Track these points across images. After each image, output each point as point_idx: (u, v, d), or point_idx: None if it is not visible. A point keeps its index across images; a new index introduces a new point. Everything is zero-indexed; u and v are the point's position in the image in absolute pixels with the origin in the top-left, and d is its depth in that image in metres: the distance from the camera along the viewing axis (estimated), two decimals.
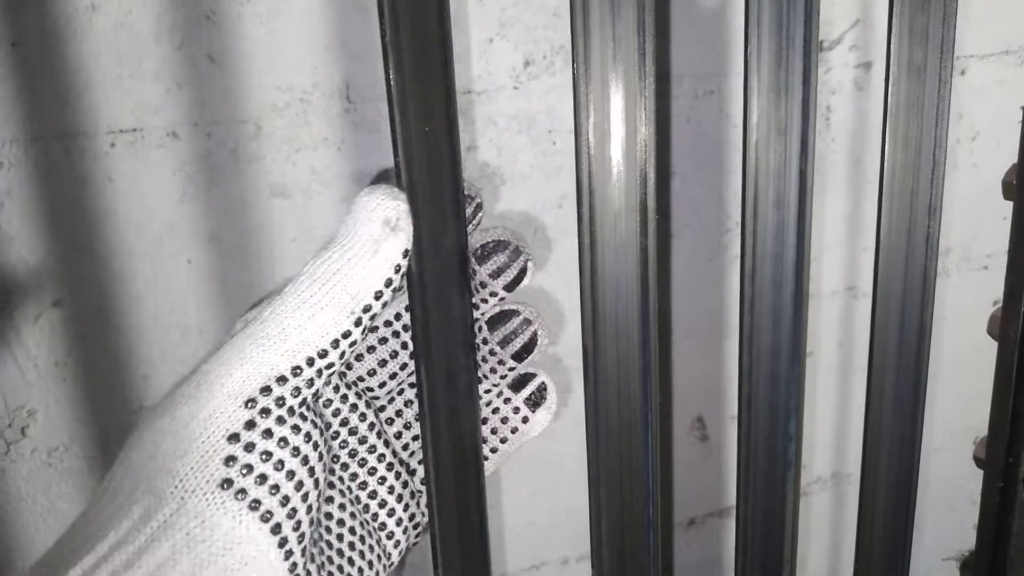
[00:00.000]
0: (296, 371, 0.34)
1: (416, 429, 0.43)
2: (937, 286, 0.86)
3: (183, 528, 0.32)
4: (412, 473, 0.43)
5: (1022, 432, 0.52)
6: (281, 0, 0.58)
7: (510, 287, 0.40)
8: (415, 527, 0.43)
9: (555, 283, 0.70)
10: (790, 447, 0.42)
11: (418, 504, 0.43)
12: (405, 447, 0.43)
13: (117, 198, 0.57)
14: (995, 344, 0.54)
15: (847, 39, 0.76)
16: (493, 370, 0.42)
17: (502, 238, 0.40)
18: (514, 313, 0.41)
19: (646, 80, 0.36)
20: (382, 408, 0.43)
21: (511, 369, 0.42)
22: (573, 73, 0.35)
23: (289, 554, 0.34)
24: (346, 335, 0.35)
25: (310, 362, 0.34)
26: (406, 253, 0.35)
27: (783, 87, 0.38)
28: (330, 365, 0.35)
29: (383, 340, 0.41)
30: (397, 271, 0.35)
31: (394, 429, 0.43)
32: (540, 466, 0.76)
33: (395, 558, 0.42)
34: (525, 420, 0.43)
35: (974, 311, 0.85)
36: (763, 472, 0.43)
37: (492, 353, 0.42)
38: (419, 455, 0.44)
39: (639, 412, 0.40)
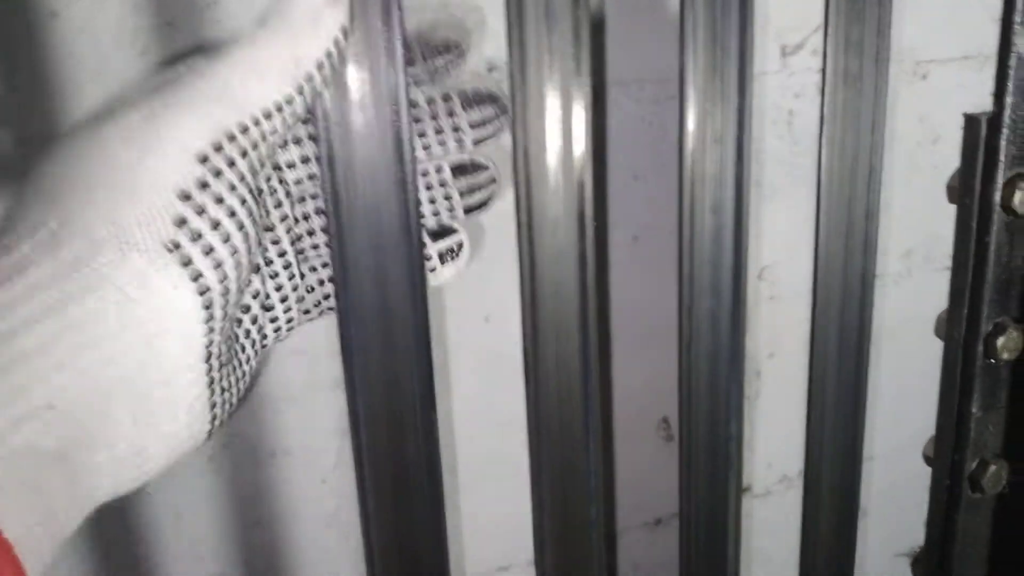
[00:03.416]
0: (243, 130, 0.32)
1: (316, 239, 0.43)
2: (899, 287, 0.88)
3: (118, 283, 0.30)
4: (302, 277, 0.43)
5: (966, 431, 0.53)
6: (240, 5, 0.58)
7: (480, 141, 0.40)
8: (289, 323, 0.42)
9: None
10: (731, 447, 0.43)
11: (299, 303, 0.42)
12: (301, 252, 0.42)
13: None
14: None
15: (809, 43, 0.77)
16: (436, 213, 0.42)
17: (493, 92, 0.39)
18: (482, 168, 0.41)
19: (582, 90, 0.36)
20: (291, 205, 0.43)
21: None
22: (510, 85, 0.36)
23: (210, 331, 0.32)
24: (289, 101, 0.33)
25: (255, 122, 0.32)
26: (344, 31, 0.34)
27: (718, 96, 0.39)
28: (273, 131, 0.33)
29: (311, 138, 0.40)
30: (336, 45, 0.34)
31: (298, 229, 0.42)
32: (503, 465, 0.76)
33: (269, 343, 0.41)
34: (432, 270, 0.42)
35: (936, 311, 0.86)
36: (705, 474, 0.44)
37: (447, 197, 0.42)
38: (312, 262, 0.43)
39: (580, 414, 0.41)
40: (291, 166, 0.40)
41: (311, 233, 0.42)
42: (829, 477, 0.48)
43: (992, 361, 0.52)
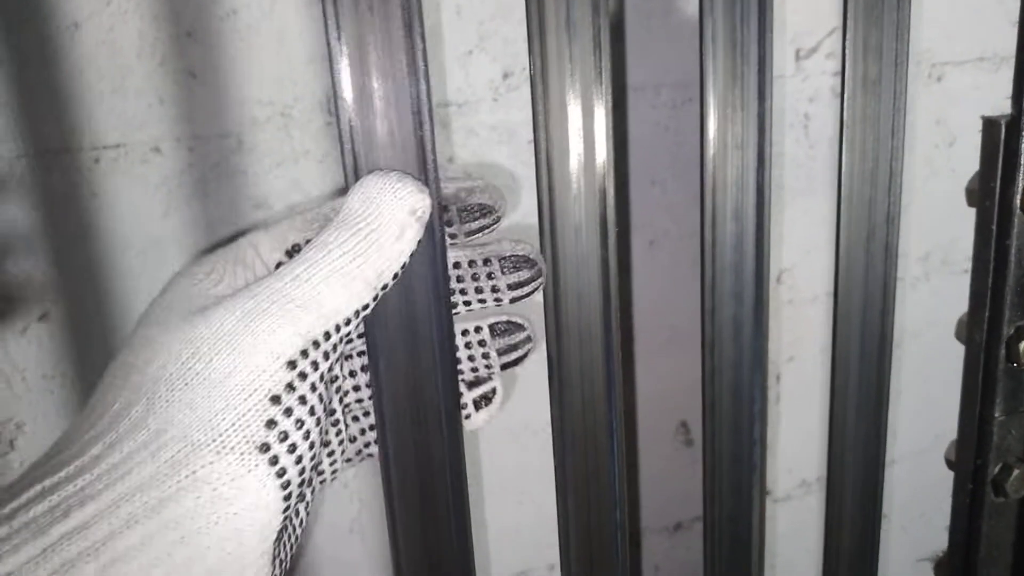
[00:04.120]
0: (327, 336, 0.35)
1: (362, 394, 0.44)
2: (917, 290, 0.87)
3: (213, 484, 0.32)
4: (346, 426, 0.44)
5: (989, 436, 0.53)
6: (260, 16, 0.59)
7: (516, 300, 0.42)
8: (333, 474, 0.45)
9: None
10: (755, 452, 0.43)
11: (342, 452, 0.45)
12: (346, 406, 0.44)
13: (102, 213, 0.58)
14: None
15: (824, 47, 0.77)
16: (474, 369, 0.43)
17: (530, 256, 0.41)
18: (519, 328, 0.43)
19: (605, 98, 0.37)
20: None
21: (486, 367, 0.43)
22: (532, 93, 0.36)
23: (286, 518, 0.34)
24: (364, 307, 0.36)
25: (337, 328, 0.35)
26: (418, 244, 0.36)
27: (738, 103, 0.39)
28: (348, 334, 0.36)
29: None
30: (410, 257, 0.37)
31: (345, 385, 0.44)
32: (524, 473, 0.76)
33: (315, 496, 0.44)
34: (467, 417, 0.44)
35: (956, 315, 0.86)
36: (729, 478, 0.44)
37: (485, 356, 0.43)
38: (355, 412, 0.45)
39: (604, 419, 0.41)
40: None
41: (357, 388, 0.45)
42: (852, 482, 0.47)
43: (1014, 365, 0.52)
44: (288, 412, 0.34)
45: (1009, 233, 0.50)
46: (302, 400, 0.34)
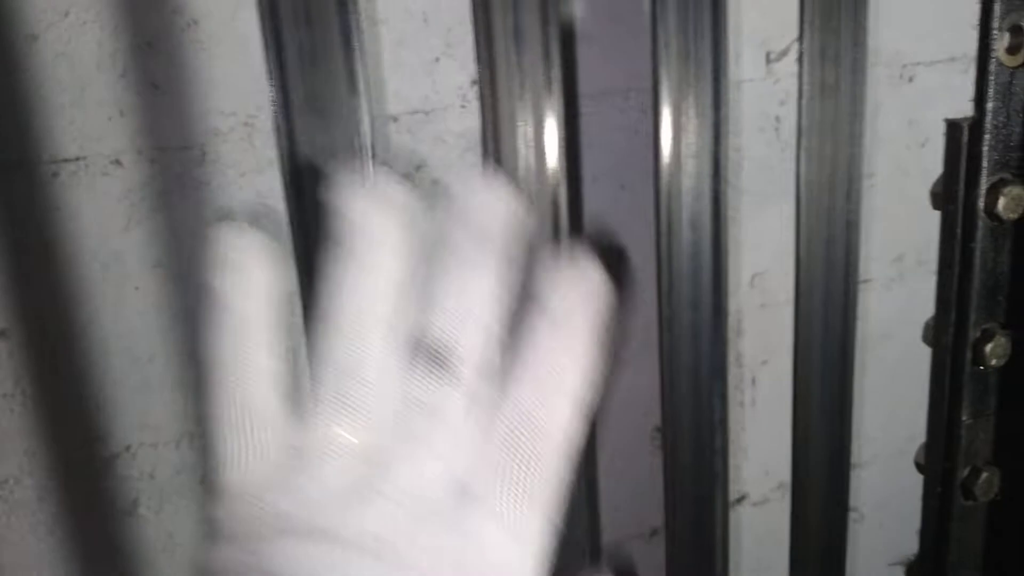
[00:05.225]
0: None
1: None
2: (891, 291, 0.87)
3: None
4: None
5: (957, 439, 0.53)
6: (222, 26, 0.58)
7: None
8: None
9: None
10: (716, 461, 0.43)
11: None
12: None
13: (62, 227, 0.58)
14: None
15: (794, 50, 0.77)
16: None
17: None
18: None
19: (554, 106, 0.36)
20: None
21: None
22: (480, 104, 0.36)
23: None
24: None
25: None
26: None
27: (693, 111, 0.38)
28: None
29: None
30: None
31: None
32: None
33: None
34: None
35: (931, 315, 0.86)
36: (691, 487, 0.43)
37: None
38: None
39: None
40: None
41: None
42: (817, 484, 0.47)
43: (981, 368, 0.52)
44: None
45: (973, 236, 0.49)
46: None
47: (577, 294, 0.28)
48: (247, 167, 0.61)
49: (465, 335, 0.28)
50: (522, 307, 0.29)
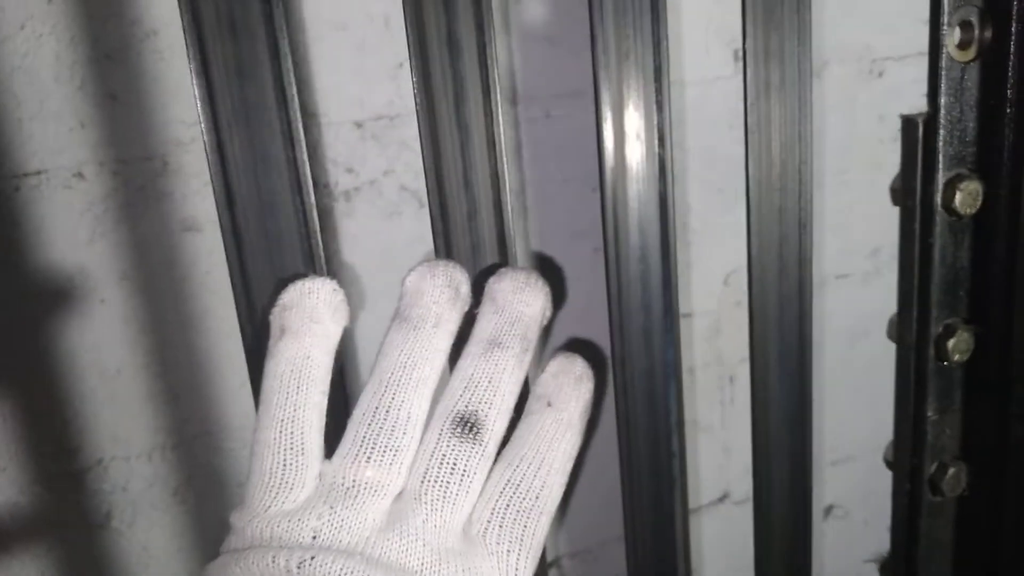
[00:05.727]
0: None
1: None
2: (868, 285, 0.87)
3: None
4: None
5: (923, 435, 0.52)
6: (180, 36, 0.58)
7: None
8: None
9: None
10: (674, 465, 0.43)
11: None
12: None
13: (25, 242, 0.57)
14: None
15: None
16: None
17: None
18: None
19: (494, 111, 0.36)
20: None
21: None
22: (416, 112, 0.36)
23: None
24: None
25: None
26: None
27: (638, 113, 0.38)
28: None
29: None
30: None
31: None
32: None
33: None
34: None
35: None
36: (648, 493, 0.43)
37: None
38: None
39: None
40: None
41: None
42: (779, 486, 0.47)
43: (944, 363, 0.52)
44: None
45: (932, 232, 0.49)
46: None
47: (568, 380, 0.35)
48: (210, 176, 0.61)
49: (493, 411, 0.34)
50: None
